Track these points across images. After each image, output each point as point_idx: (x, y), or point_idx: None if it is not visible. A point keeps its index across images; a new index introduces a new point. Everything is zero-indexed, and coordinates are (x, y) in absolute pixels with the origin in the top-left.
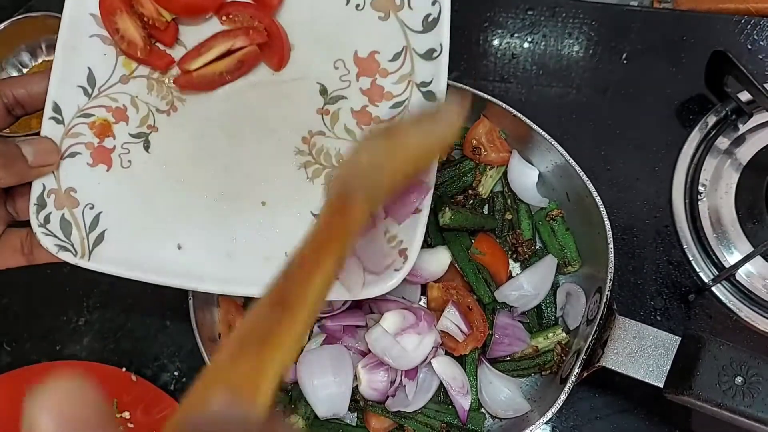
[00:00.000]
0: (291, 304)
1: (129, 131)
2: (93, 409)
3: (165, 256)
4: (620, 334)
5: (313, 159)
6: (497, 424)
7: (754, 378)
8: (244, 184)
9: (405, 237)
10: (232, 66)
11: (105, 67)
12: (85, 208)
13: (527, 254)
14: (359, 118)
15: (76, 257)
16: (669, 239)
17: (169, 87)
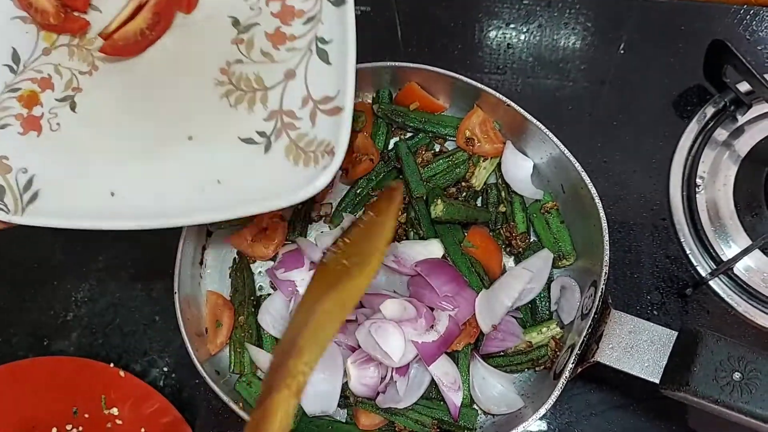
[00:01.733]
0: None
1: (55, 96)
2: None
3: (99, 204)
4: (615, 329)
5: (234, 87)
6: (490, 421)
7: (752, 374)
8: (168, 124)
9: (329, 137)
10: (149, 20)
11: (28, 44)
12: (18, 172)
13: (521, 248)
14: (274, 40)
15: (9, 214)
16: (666, 233)
17: (89, 50)
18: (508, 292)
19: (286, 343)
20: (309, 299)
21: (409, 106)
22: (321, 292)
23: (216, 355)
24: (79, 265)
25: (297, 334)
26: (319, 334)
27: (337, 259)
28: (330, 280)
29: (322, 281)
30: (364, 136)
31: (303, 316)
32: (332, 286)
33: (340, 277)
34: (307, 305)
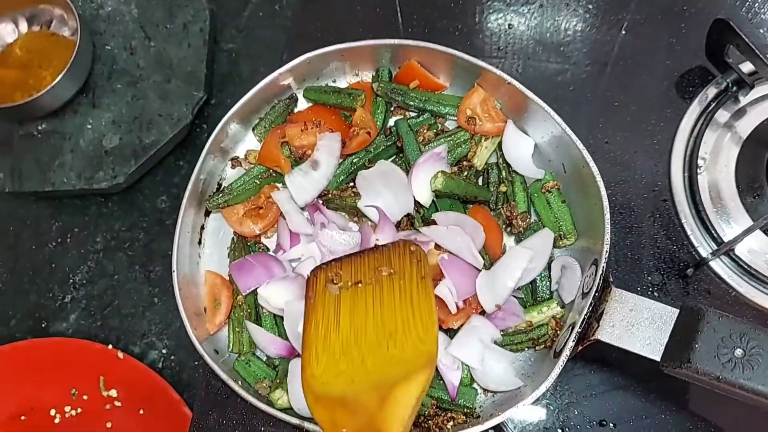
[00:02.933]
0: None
1: None
2: None
3: None
4: (616, 307)
5: None
6: (490, 400)
7: (755, 350)
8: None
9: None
10: None
11: None
12: None
13: (522, 227)
14: None
15: None
16: (667, 213)
17: None
18: (511, 273)
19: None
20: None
21: (409, 84)
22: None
23: (215, 335)
24: (77, 247)
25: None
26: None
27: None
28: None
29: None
30: (363, 110)
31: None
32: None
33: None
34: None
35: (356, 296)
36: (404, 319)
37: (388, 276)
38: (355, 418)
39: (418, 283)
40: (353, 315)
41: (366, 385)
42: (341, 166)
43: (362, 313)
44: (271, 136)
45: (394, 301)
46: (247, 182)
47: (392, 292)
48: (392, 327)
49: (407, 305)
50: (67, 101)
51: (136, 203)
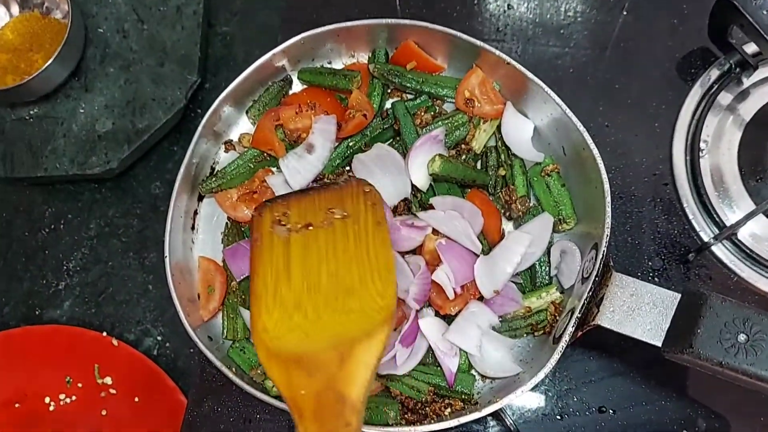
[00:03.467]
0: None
1: None
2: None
3: None
4: (617, 292)
5: None
6: (488, 386)
7: (758, 335)
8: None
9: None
10: None
11: None
12: None
13: (521, 212)
14: None
15: None
16: (668, 198)
17: None
18: (510, 258)
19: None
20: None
21: (406, 66)
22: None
23: (209, 322)
24: (71, 234)
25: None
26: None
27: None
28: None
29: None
30: (359, 92)
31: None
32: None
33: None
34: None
35: (307, 241)
36: (360, 269)
37: (341, 219)
38: (313, 380)
39: (373, 229)
40: (305, 262)
41: (323, 342)
42: (337, 150)
43: (315, 260)
44: (264, 118)
45: (349, 249)
46: (241, 166)
47: (346, 238)
48: (348, 278)
49: (363, 254)
50: (59, 85)
51: (130, 189)
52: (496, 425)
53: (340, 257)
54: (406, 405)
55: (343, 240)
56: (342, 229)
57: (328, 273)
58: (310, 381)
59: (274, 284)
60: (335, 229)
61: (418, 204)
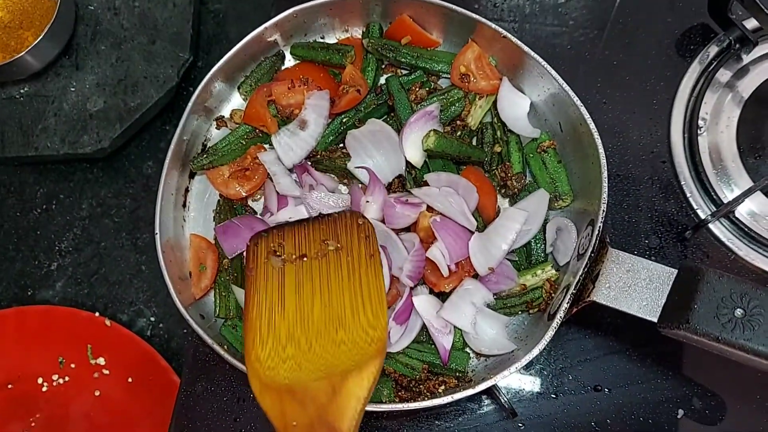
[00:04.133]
0: None
1: None
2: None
3: None
4: (612, 268)
5: None
6: (482, 364)
7: (756, 310)
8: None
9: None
10: None
11: None
12: None
13: (517, 188)
14: None
15: None
16: (666, 176)
17: None
18: (505, 235)
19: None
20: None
21: (401, 40)
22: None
23: (201, 300)
24: (63, 214)
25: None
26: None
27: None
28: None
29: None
30: (352, 67)
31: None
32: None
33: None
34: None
35: (301, 272)
36: (353, 300)
37: (334, 251)
38: (305, 411)
39: (366, 261)
40: (299, 293)
41: (315, 373)
42: (330, 126)
43: (308, 291)
44: (256, 94)
45: (342, 281)
46: (233, 143)
47: (339, 270)
48: (340, 309)
49: (356, 286)
50: (49, 63)
51: (122, 169)
52: (491, 403)
53: (333, 289)
54: (400, 383)
55: (336, 272)
56: (335, 260)
57: (322, 304)
58: (302, 412)
59: (269, 314)
60: (329, 261)
61: (413, 181)
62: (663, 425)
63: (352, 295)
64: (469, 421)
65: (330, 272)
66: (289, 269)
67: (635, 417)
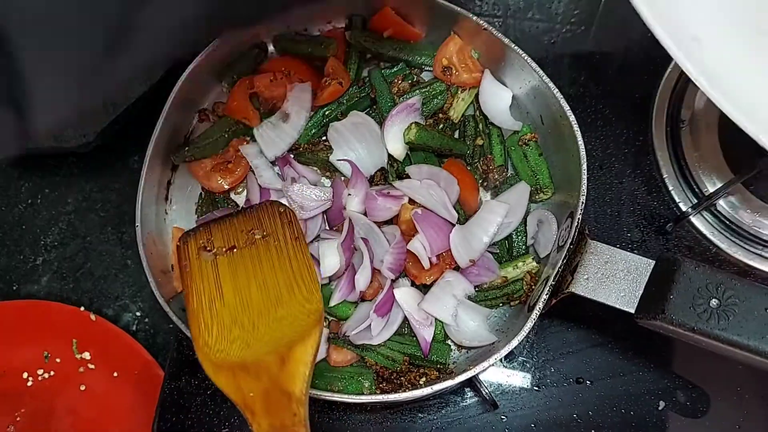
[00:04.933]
0: None
1: None
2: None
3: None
4: (591, 259)
5: None
6: (463, 356)
7: (731, 300)
8: None
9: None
10: None
11: None
12: None
13: (498, 181)
14: None
15: None
16: (648, 169)
17: None
18: (486, 227)
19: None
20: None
21: (384, 33)
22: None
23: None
24: (48, 208)
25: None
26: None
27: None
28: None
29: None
30: (334, 60)
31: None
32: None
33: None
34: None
35: (234, 262)
36: (286, 280)
37: (262, 238)
38: (259, 382)
39: (293, 243)
40: (235, 281)
41: (263, 348)
42: (313, 119)
43: (244, 278)
44: (238, 86)
45: (273, 263)
46: (215, 135)
47: (269, 254)
48: (276, 290)
49: (286, 266)
50: None
51: (108, 163)
52: (473, 396)
53: (266, 271)
54: (381, 375)
55: (267, 255)
56: (264, 246)
57: (258, 287)
58: (256, 383)
59: (209, 303)
60: (258, 247)
61: (395, 173)
62: (644, 417)
63: (284, 274)
64: (452, 414)
65: (261, 257)
66: (221, 261)
67: (617, 409)
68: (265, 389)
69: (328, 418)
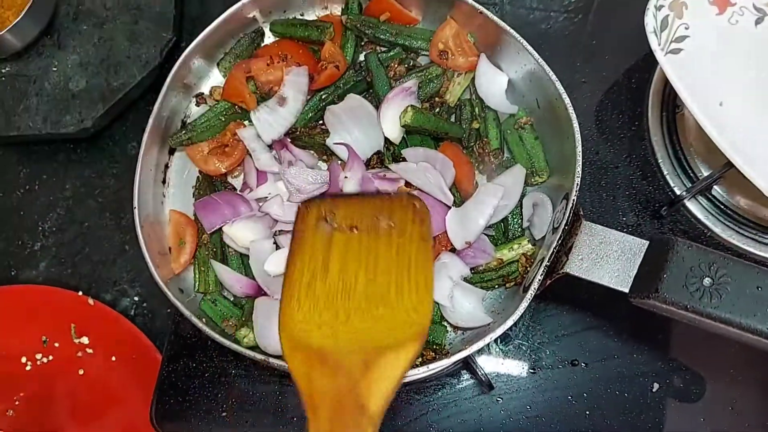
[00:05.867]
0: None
1: (754, 2)
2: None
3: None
4: (586, 240)
5: None
6: (459, 337)
7: (723, 278)
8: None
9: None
10: None
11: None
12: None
13: (494, 164)
14: None
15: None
16: (644, 153)
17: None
18: (482, 210)
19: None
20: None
21: (380, 17)
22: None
23: (180, 275)
24: (46, 194)
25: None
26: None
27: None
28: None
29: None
30: (331, 44)
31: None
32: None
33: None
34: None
35: (350, 242)
36: (399, 281)
37: (387, 228)
38: (335, 381)
39: (418, 245)
40: (344, 262)
41: (350, 345)
42: (309, 103)
43: (354, 263)
44: (235, 70)
45: (390, 259)
46: (212, 119)
47: (389, 248)
48: (385, 287)
49: (404, 267)
50: (30, 43)
51: (106, 149)
52: (469, 378)
53: (380, 265)
54: None
55: (386, 249)
56: (386, 238)
57: (366, 278)
58: (331, 381)
59: (310, 277)
60: (379, 237)
61: (391, 157)
62: (638, 399)
63: (399, 274)
64: (448, 396)
65: (379, 248)
66: (337, 238)
67: (611, 391)
68: (339, 392)
69: None
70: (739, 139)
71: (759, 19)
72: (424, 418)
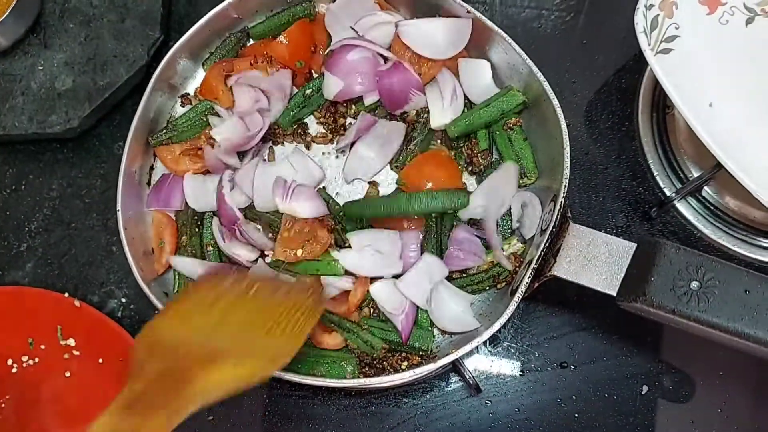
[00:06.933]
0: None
1: (744, 2)
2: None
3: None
4: (573, 242)
5: None
6: (447, 341)
7: (711, 282)
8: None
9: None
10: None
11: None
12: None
13: (483, 165)
14: None
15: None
16: (633, 154)
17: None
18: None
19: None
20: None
21: None
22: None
23: (164, 276)
24: (32, 194)
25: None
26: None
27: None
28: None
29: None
30: None
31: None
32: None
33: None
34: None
35: (242, 297)
36: (276, 329)
37: (284, 295)
38: (167, 360)
39: (309, 311)
40: (230, 306)
41: (203, 337)
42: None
43: (241, 309)
44: (213, 68)
45: (273, 311)
46: (193, 118)
47: (278, 307)
48: (259, 327)
49: (291, 311)
50: (16, 42)
51: (93, 149)
52: (458, 381)
53: (262, 313)
54: (363, 360)
55: (275, 307)
56: (277, 301)
57: (246, 311)
58: (163, 361)
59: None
60: (273, 300)
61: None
62: (627, 401)
63: (278, 325)
64: (436, 398)
65: (268, 305)
66: (234, 290)
67: (600, 393)
68: (167, 367)
69: (312, 404)
70: (729, 140)
71: (750, 19)
72: (412, 421)
